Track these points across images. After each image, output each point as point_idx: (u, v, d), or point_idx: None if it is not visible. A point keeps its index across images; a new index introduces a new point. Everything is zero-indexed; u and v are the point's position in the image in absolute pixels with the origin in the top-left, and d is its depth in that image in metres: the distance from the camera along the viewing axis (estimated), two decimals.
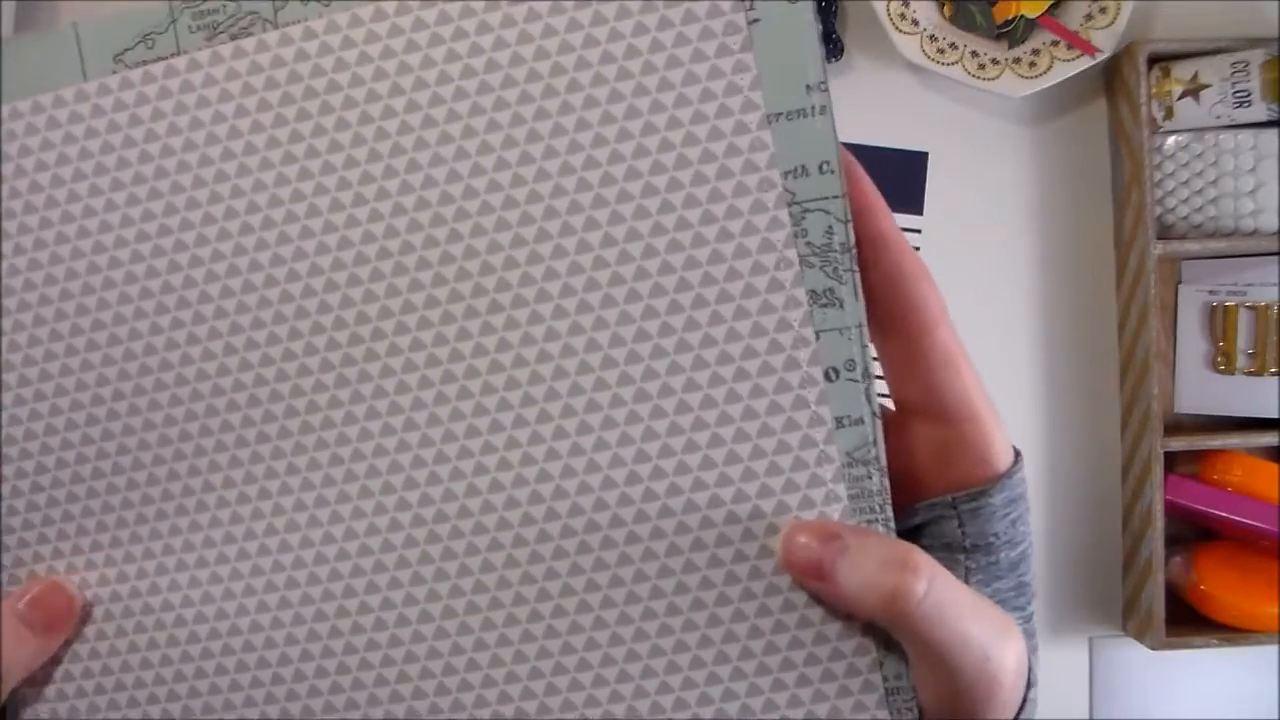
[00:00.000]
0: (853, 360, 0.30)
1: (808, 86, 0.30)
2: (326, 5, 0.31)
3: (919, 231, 0.73)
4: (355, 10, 0.30)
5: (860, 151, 0.72)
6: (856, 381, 0.30)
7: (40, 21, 0.75)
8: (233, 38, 0.31)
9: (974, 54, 0.69)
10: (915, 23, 0.69)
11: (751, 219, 0.30)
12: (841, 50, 0.71)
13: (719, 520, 0.30)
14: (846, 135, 0.73)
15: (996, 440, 0.30)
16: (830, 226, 0.29)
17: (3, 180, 0.32)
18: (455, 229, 0.30)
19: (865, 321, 0.30)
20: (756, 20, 0.29)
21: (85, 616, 0.35)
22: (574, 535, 0.31)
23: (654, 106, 0.30)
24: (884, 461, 0.30)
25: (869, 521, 0.30)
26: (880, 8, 0.69)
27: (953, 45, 0.69)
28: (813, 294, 0.30)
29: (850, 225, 0.30)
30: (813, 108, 0.30)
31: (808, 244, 0.30)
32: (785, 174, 0.30)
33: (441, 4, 0.30)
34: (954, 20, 0.70)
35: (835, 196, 0.30)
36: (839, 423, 0.30)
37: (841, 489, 0.30)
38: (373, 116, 0.30)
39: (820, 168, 0.30)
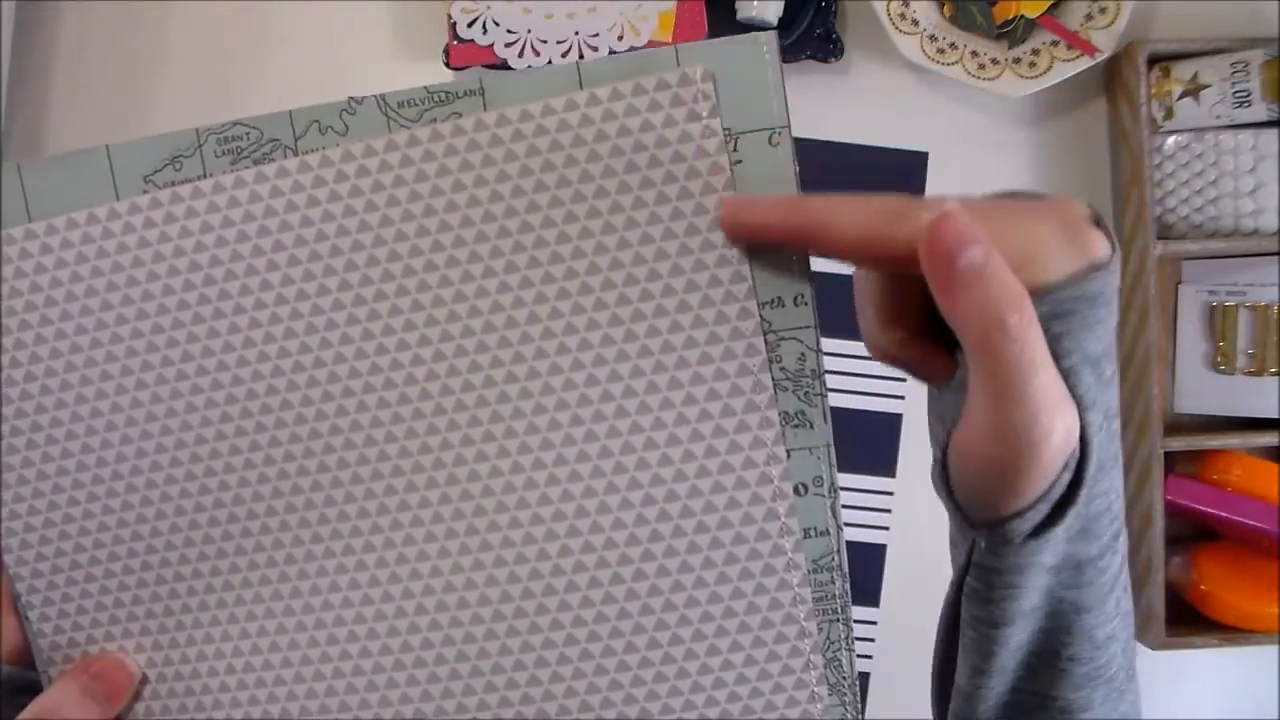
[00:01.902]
0: (820, 477, 0.33)
1: None
2: (343, 135, 0.33)
3: None
4: (369, 141, 0.33)
5: (860, 151, 0.73)
6: (823, 496, 0.33)
7: (41, 21, 0.76)
8: (255, 163, 0.34)
9: (974, 54, 0.69)
10: (915, 23, 0.69)
11: (730, 345, 0.32)
12: (841, 50, 0.71)
13: (695, 619, 0.33)
14: (847, 135, 0.74)
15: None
16: (803, 354, 0.32)
17: (41, 290, 0.35)
18: (461, 344, 0.33)
19: (832, 441, 0.33)
20: (739, 161, 0.32)
21: (139, 692, 0.38)
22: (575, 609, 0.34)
23: (643, 239, 0.32)
24: (846, 568, 0.33)
25: (830, 622, 0.33)
26: (880, 8, 0.69)
27: (953, 45, 0.69)
28: (785, 415, 0.32)
29: (820, 353, 0.32)
30: None
31: (781, 369, 0.32)
32: (762, 304, 0.32)
33: (449, 139, 0.32)
34: (954, 20, 0.70)
35: (808, 326, 0.32)
36: (806, 533, 0.33)
37: (807, 593, 0.33)
38: (385, 239, 0.33)
39: (795, 300, 0.32)
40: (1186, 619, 0.68)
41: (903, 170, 0.73)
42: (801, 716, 0.34)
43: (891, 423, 0.72)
